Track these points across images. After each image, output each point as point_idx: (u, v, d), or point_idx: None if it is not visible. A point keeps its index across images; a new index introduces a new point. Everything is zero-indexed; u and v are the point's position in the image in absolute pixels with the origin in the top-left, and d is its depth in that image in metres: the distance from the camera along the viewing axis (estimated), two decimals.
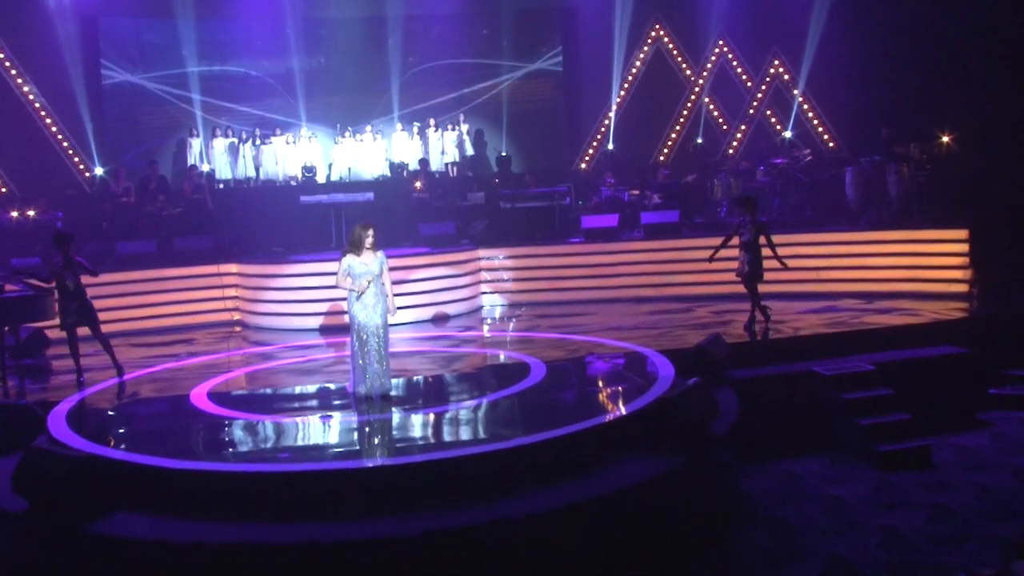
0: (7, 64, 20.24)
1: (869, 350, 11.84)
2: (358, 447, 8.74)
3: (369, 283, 9.56)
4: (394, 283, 10.03)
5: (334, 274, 15.36)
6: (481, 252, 17.39)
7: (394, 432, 9.00)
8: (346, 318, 15.44)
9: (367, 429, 9.14)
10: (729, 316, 14.64)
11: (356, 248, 9.69)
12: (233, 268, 16.85)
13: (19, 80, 20.29)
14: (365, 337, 9.61)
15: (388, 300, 9.82)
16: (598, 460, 7.99)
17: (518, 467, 7.65)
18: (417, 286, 15.80)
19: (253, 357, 13.54)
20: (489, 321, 16.20)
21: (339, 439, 9.11)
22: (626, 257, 17.39)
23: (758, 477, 10.03)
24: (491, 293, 17.38)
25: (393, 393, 9.87)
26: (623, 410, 8.64)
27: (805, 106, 21.57)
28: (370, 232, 9.72)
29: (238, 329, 16.34)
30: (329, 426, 9.40)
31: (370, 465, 8.06)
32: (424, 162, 20.54)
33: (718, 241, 17.10)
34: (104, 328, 15.67)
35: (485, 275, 17.44)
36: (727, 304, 15.82)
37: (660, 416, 8.33)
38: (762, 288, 16.55)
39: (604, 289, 17.19)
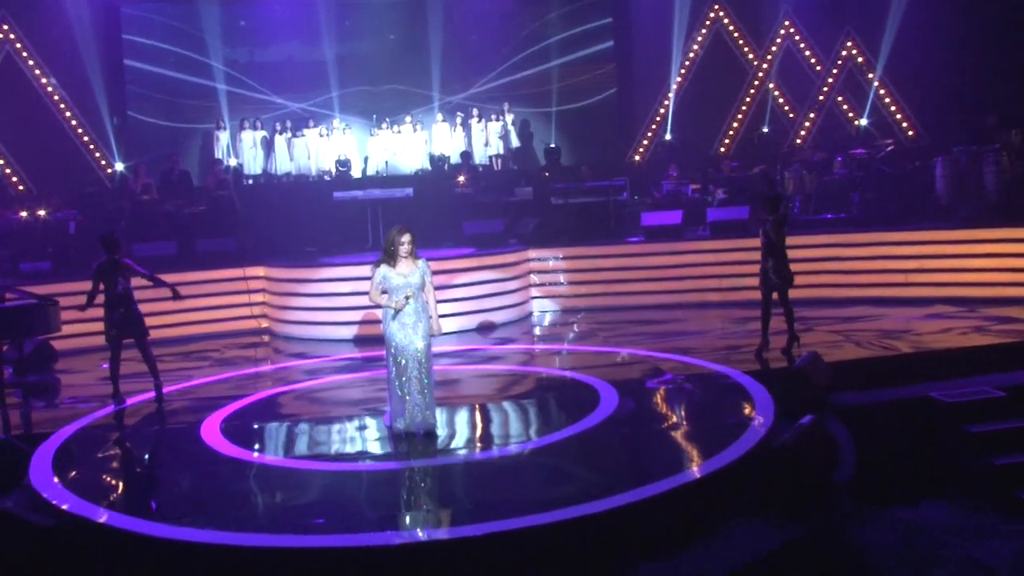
0: (24, 54, 19.04)
1: (992, 370, 10.07)
2: (398, 510, 6.84)
3: (408, 298, 8.00)
4: (437, 288, 8.40)
5: (370, 279, 14.17)
6: (531, 252, 15.83)
7: (440, 486, 7.36)
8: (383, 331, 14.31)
9: (408, 482, 7.48)
10: (810, 325, 12.99)
11: (391, 258, 8.13)
12: (260, 272, 15.43)
13: (37, 71, 19.10)
14: (404, 362, 8.05)
15: (431, 318, 8.26)
16: (699, 527, 6.36)
17: (602, 538, 6.04)
18: (461, 291, 14.25)
19: (278, 375, 12.05)
20: (542, 331, 14.65)
21: (373, 495, 7.19)
22: (691, 258, 15.75)
23: (873, 527, 8.36)
24: (541, 298, 15.82)
25: (439, 431, 8.29)
26: (726, 457, 7.00)
27: (882, 91, 19.74)
28: (406, 237, 8.14)
29: (265, 339, 14.91)
30: (361, 478, 7.53)
31: (412, 539, 6.11)
32: (467, 155, 19.00)
33: (794, 240, 15.58)
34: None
35: (534, 278, 15.88)
36: (803, 310, 14.12)
37: (773, 467, 6.71)
38: (845, 293, 15.01)
39: (667, 294, 15.57)
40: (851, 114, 20.11)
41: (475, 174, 18.52)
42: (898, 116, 19.68)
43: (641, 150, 20.96)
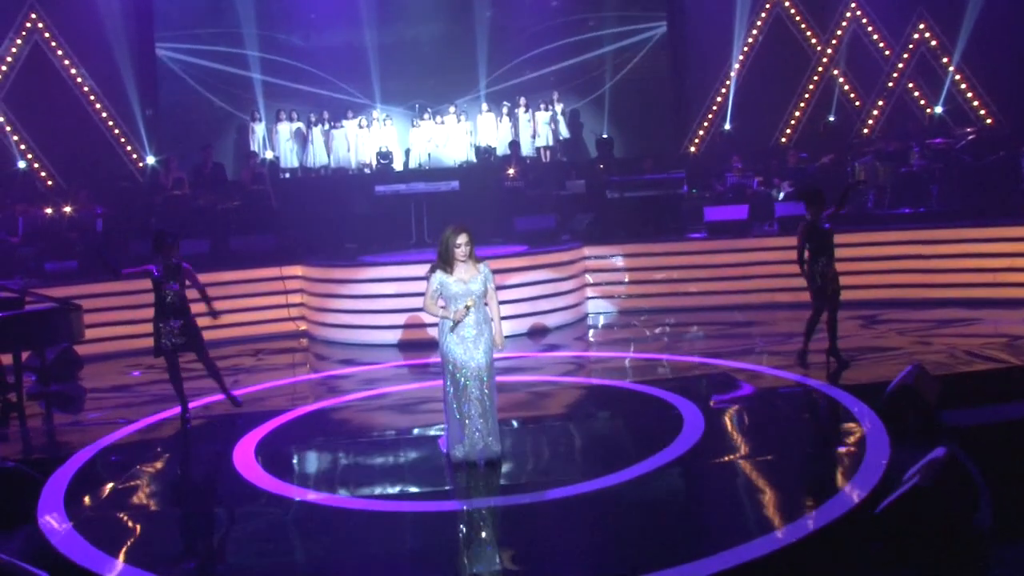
0: (53, 44, 18.32)
1: None
2: (464, 566, 5.64)
3: (469, 308, 6.98)
4: None
5: (417, 279, 13.17)
6: (587, 250, 14.77)
7: (507, 534, 6.16)
8: (432, 334, 13.24)
9: (468, 527, 6.29)
10: (895, 329, 11.88)
11: (447, 263, 7.07)
12: (298, 271, 14.50)
13: (66, 62, 18.35)
14: (463, 381, 7.02)
15: (494, 330, 7.24)
16: None
17: None
18: (515, 293, 13.19)
19: (318, 387, 11.05)
20: (601, 335, 13.61)
21: (427, 545, 6.02)
22: (758, 256, 14.57)
23: (1003, 570, 7.24)
24: (597, 298, 14.77)
25: (502, 461, 7.21)
26: (847, 500, 5.92)
27: (957, 76, 18.44)
28: (463, 238, 7.08)
29: (303, 342, 13.99)
30: (414, 522, 6.31)
31: None
32: (515, 145, 17.96)
33: (868, 237, 14.47)
34: (147, 342, 13.70)
35: (588, 277, 14.83)
36: (882, 311, 13.07)
37: (908, 512, 5.61)
38: (926, 294, 13.83)
39: (732, 294, 14.46)
40: (923, 102, 18.83)
41: (524, 166, 17.48)
42: (975, 103, 18.35)
43: (697, 141, 19.82)
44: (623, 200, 15.89)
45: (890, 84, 19.10)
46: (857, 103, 19.38)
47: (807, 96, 19.61)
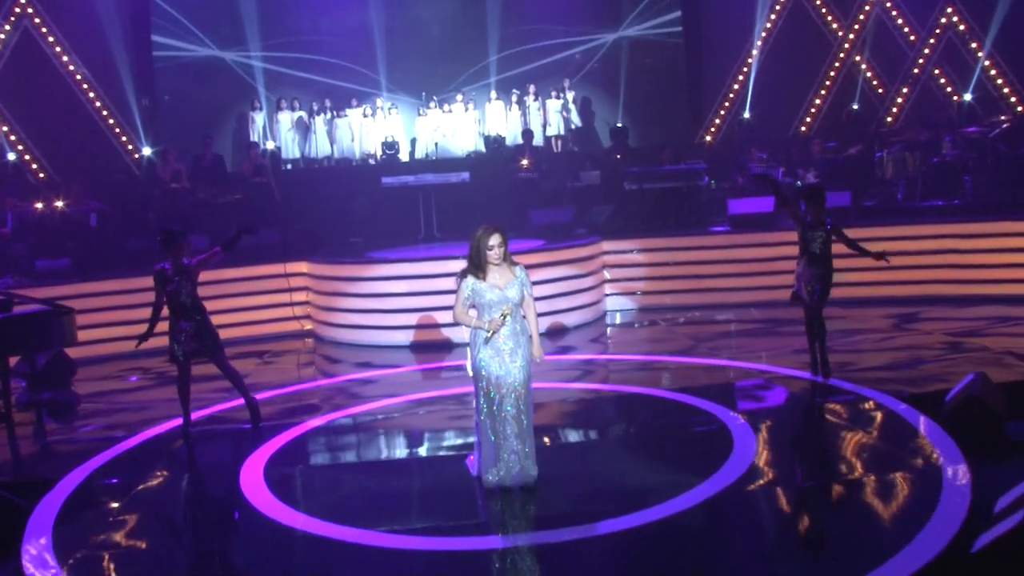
0: (44, 30, 17.56)
1: None
2: None
3: (506, 317, 6.27)
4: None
5: (430, 277, 12.48)
6: (605, 245, 14.07)
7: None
8: (447, 334, 12.54)
9: (514, 573, 5.51)
10: (934, 325, 11.26)
11: (478, 268, 6.33)
12: (303, 268, 13.81)
13: (58, 49, 17.58)
14: (498, 398, 6.31)
15: (533, 342, 6.52)
16: None
17: None
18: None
19: (329, 394, 10.32)
20: (623, 335, 12.93)
21: None
22: (785, 251, 13.74)
23: None
24: (616, 295, 14.09)
25: (541, 490, 6.44)
26: (938, 536, 5.24)
27: (987, 62, 17.72)
28: (495, 239, 6.28)
29: (308, 343, 13.31)
30: (453, 565, 5.53)
31: None
32: (528, 134, 17.22)
33: (900, 231, 13.78)
34: (147, 344, 12.98)
35: (606, 273, 14.14)
36: (919, 309, 12.47)
37: (1013, 555, 4.94)
38: (964, 291, 13.16)
39: (758, 290, 13.75)
40: (949, 89, 18.11)
41: (538, 156, 16.76)
42: (1006, 90, 17.62)
43: (713, 130, 19.10)
44: (642, 192, 15.22)
45: (915, 71, 18.37)
46: (880, 90, 18.65)
47: (828, 83, 18.88)
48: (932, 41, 18.29)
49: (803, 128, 18.79)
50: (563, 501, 6.30)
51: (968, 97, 17.41)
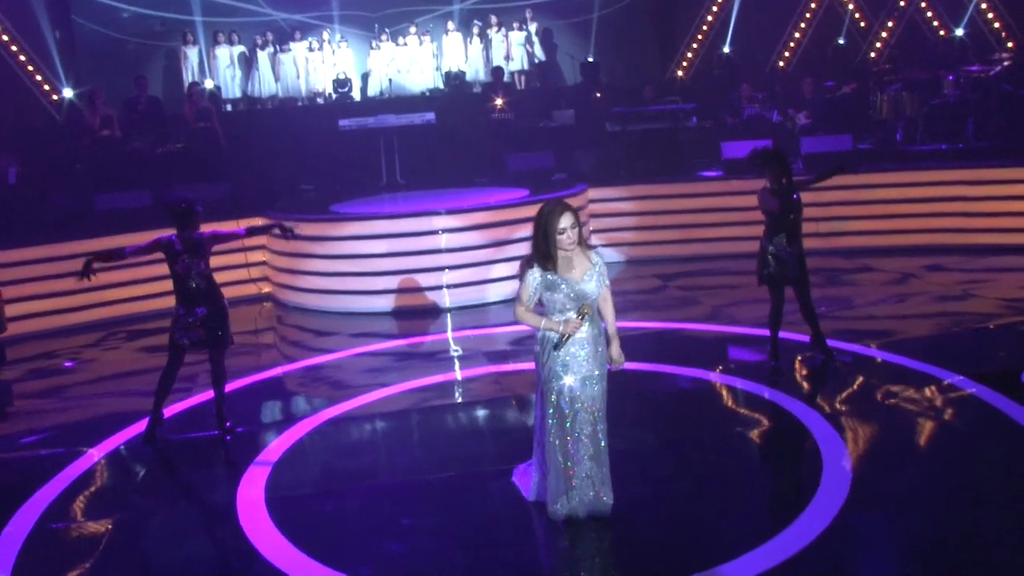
0: None
1: None
2: None
3: (584, 316, 5.02)
4: (491, 246, 4.90)
5: (411, 235, 11.01)
6: (592, 193, 12.87)
7: None
8: (433, 299, 11.02)
9: None
10: (954, 275, 10.50)
11: (546, 257, 5.05)
12: (257, 223, 12.23)
13: None
14: (570, 413, 5.10)
15: (612, 345, 5.27)
16: None
17: None
18: (519, 248, 11.07)
19: (316, 380, 8.90)
20: (619, 296, 11.77)
21: None
22: None
23: None
24: (602, 246, 12.91)
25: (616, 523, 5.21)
26: None
27: None
28: (567, 219, 5.00)
29: (267, 307, 11.90)
30: None
31: None
32: (499, 71, 15.72)
33: (904, 176, 12.88)
34: (84, 316, 11.44)
35: (591, 224, 12.97)
36: (935, 259, 11.68)
37: None
38: (976, 239, 12.30)
39: (754, 240, 12.65)
40: (936, 23, 17.14)
41: (513, 95, 15.30)
42: (997, 25, 16.68)
43: (685, 64, 17.89)
44: (625, 134, 14.00)
45: (901, 3, 17.33)
46: (863, 24, 17.61)
47: (808, 16, 17.75)
48: None
49: (781, 63, 17.68)
50: (641, 536, 5.07)
51: (960, 32, 16.45)
